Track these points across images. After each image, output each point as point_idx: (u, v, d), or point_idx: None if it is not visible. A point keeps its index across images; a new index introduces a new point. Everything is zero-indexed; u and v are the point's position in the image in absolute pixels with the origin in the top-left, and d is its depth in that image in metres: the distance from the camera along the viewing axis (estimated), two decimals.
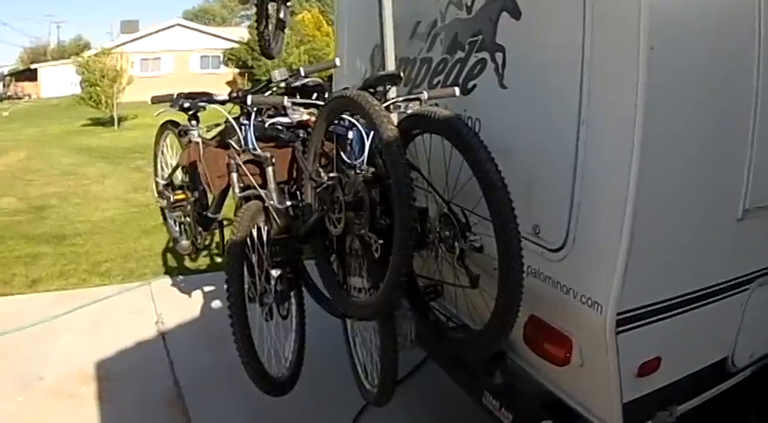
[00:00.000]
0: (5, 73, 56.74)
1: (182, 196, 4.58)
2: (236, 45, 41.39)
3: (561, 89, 2.72)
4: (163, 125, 4.83)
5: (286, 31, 5.05)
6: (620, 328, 2.60)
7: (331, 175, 3.06)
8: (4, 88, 53.60)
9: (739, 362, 3.24)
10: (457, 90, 3.18)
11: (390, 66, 3.58)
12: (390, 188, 2.66)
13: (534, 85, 2.91)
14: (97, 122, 26.15)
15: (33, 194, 12.04)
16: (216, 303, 6.35)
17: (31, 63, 54.99)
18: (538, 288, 2.84)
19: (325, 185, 3.07)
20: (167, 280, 7.33)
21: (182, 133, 4.29)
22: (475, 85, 3.28)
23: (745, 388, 3.38)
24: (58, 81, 42.94)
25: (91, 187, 12.80)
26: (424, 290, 3.17)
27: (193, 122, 4.12)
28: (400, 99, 3.08)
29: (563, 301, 2.79)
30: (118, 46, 33.21)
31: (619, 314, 2.58)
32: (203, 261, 7.03)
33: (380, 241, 2.78)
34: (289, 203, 3.45)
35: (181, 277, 7.29)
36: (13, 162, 16.27)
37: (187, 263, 7.30)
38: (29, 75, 52.16)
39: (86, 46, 36.83)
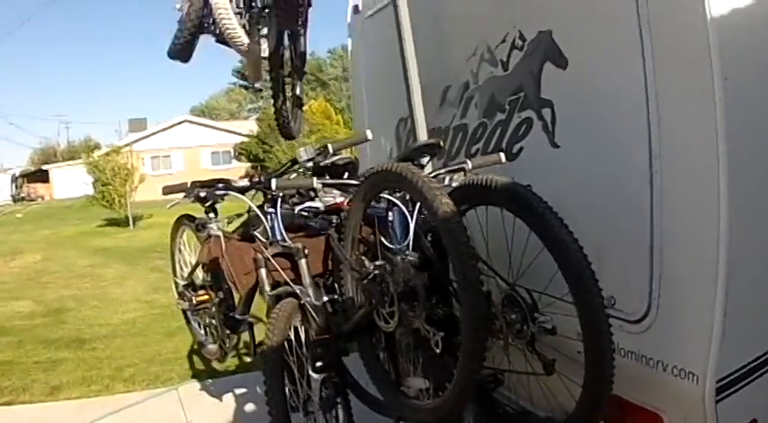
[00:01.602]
0: (17, 174, 58.09)
1: (205, 297, 4.29)
2: (246, 138, 41.43)
3: (626, 140, 2.54)
4: (178, 220, 4.61)
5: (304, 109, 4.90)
6: (720, 396, 2.37)
7: (377, 263, 2.79)
8: (16, 190, 54.90)
9: None
10: (502, 156, 3.01)
11: (423, 136, 3.41)
12: (442, 273, 2.51)
13: (593, 140, 2.71)
14: (112, 222, 26.32)
15: (50, 297, 11.97)
16: (249, 407, 6.06)
17: (42, 164, 56.46)
18: (618, 364, 2.55)
19: (371, 276, 2.78)
20: (196, 384, 7.04)
21: (199, 227, 3.96)
22: (522, 149, 3.09)
23: None
24: (71, 181, 43.94)
25: (109, 289, 12.74)
26: (485, 379, 2.90)
27: (211, 215, 3.83)
28: (443, 171, 2.91)
29: (649, 375, 2.56)
30: (127, 144, 33.70)
31: (718, 381, 2.35)
32: (232, 362, 6.77)
33: (441, 334, 2.50)
34: (326, 299, 3.17)
35: (210, 381, 7.00)
36: (29, 264, 16.37)
37: (215, 365, 6.99)
38: (40, 176, 53.89)
39: (96, 146, 37.46)
